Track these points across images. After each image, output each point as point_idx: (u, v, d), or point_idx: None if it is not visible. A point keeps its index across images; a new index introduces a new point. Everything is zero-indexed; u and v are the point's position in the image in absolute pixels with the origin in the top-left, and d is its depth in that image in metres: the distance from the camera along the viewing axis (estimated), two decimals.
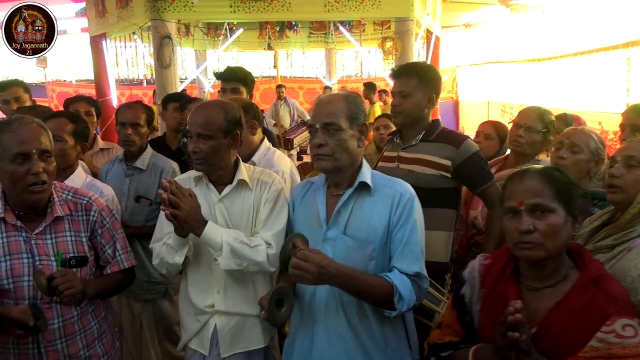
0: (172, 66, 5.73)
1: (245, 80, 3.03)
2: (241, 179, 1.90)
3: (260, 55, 9.85)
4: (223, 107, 1.86)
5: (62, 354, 1.75)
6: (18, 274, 1.68)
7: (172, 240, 1.79)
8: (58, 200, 1.77)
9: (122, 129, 2.65)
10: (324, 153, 1.63)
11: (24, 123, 1.65)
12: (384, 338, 1.68)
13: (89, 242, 1.82)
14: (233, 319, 1.89)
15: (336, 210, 1.67)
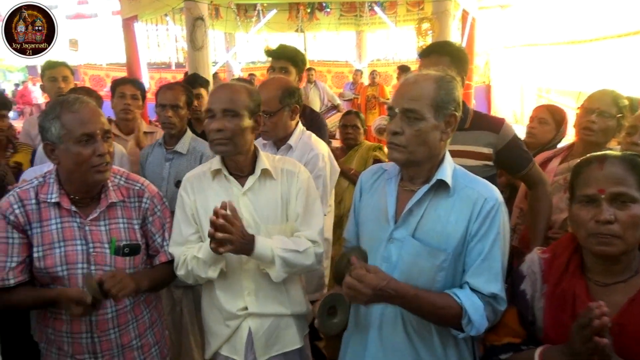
0: (204, 48, 5.67)
1: (296, 60, 2.86)
2: (264, 168, 1.76)
3: (289, 38, 9.71)
4: (247, 88, 1.76)
5: (115, 344, 1.72)
6: (72, 261, 1.64)
7: (205, 255, 1.66)
8: (112, 185, 1.72)
9: (162, 111, 2.58)
10: (397, 143, 1.42)
11: (85, 103, 1.60)
12: (444, 356, 1.49)
13: (140, 229, 1.77)
14: (267, 320, 1.79)
15: (408, 208, 1.47)
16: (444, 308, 1.37)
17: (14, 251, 1.62)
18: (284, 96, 2.27)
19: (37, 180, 1.68)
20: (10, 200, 1.63)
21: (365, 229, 1.60)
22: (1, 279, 1.61)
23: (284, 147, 2.36)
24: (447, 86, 1.42)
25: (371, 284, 1.30)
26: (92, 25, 12.55)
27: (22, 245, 1.63)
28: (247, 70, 11.02)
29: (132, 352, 1.77)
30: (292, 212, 1.78)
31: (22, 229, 1.62)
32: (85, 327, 1.67)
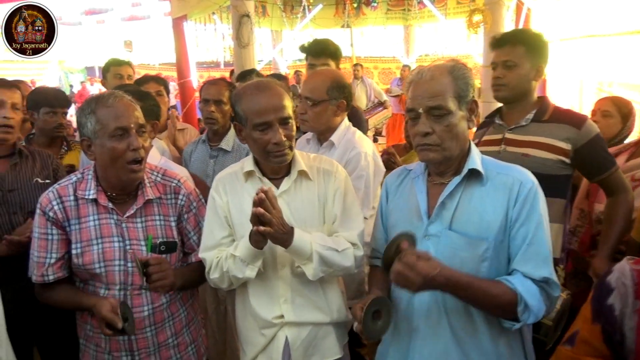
0: (250, 45, 5.68)
1: (336, 54, 2.79)
2: (301, 169, 1.68)
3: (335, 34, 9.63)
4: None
5: (152, 342, 1.71)
6: (110, 257, 1.64)
7: (243, 253, 1.57)
8: (148, 182, 1.71)
9: (205, 106, 2.57)
10: (431, 143, 1.38)
11: (119, 97, 1.60)
12: (497, 355, 1.42)
13: (177, 226, 1.75)
14: (305, 329, 1.70)
15: (440, 201, 1.43)
16: (498, 295, 1.33)
17: (53, 247, 1.63)
18: (332, 88, 2.18)
19: (76, 176, 1.69)
20: (49, 196, 1.65)
21: (397, 231, 1.51)
22: (40, 275, 1.64)
23: (327, 143, 2.28)
24: (463, 74, 1.40)
25: (422, 272, 1.24)
26: (145, 26, 12.99)
27: (61, 241, 1.64)
28: (293, 68, 11.06)
29: (169, 351, 1.75)
30: (330, 213, 1.69)
31: (61, 225, 1.63)
32: None
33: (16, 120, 2.15)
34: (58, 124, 2.66)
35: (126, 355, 1.70)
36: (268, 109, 1.55)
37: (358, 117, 2.73)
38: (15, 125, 2.14)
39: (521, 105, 2.07)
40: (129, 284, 1.65)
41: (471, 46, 6.75)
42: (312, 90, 2.19)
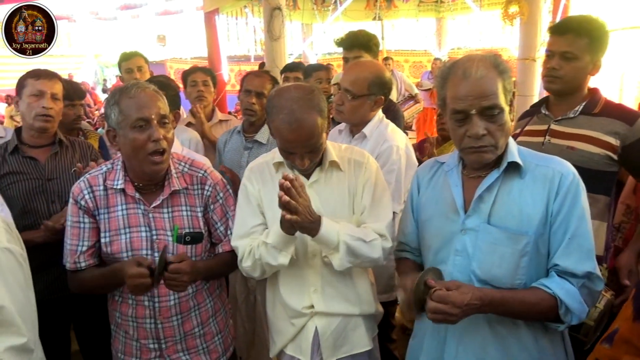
0: (281, 39, 5.68)
1: (369, 45, 2.73)
2: (332, 160, 1.66)
3: (366, 27, 9.54)
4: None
5: (178, 331, 1.73)
6: (137, 247, 1.66)
7: (275, 240, 1.56)
8: (175, 172, 1.72)
9: (246, 97, 2.58)
10: (486, 144, 1.33)
11: (142, 88, 1.60)
12: (537, 350, 1.39)
13: (203, 217, 1.75)
14: (334, 320, 1.69)
15: (477, 195, 1.39)
16: (536, 303, 1.31)
17: (85, 235, 1.67)
18: (374, 83, 2.15)
19: (106, 166, 1.72)
20: (81, 185, 1.68)
21: (431, 225, 1.51)
22: (73, 262, 1.67)
23: (359, 135, 2.25)
24: (505, 67, 1.36)
25: (457, 302, 1.24)
26: (178, 21, 13.19)
27: (92, 229, 1.67)
28: (323, 61, 11.03)
29: (195, 340, 1.77)
30: (359, 204, 1.67)
31: (91, 213, 1.67)
32: (148, 313, 1.69)
33: (55, 110, 2.19)
34: (77, 116, 2.73)
35: (153, 343, 1.72)
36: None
37: (394, 111, 2.69)
38: (54, 115, 2.19)
39: (572, 98, 1.98)
40: None
41: (506, 39, 6.56)
42: (354, 84, 2.16)
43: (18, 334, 1.18)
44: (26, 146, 2.18)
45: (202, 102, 3.04)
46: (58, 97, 2.22)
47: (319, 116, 1.54)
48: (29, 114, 2.15)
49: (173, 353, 1.74)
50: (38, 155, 2.17)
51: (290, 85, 1.62)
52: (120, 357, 1.77)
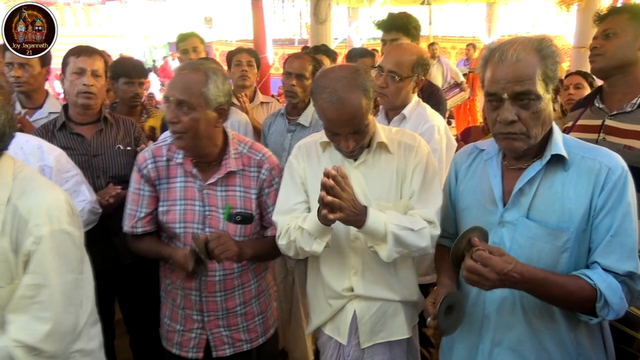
0: (327, 22, 5.67)
1: (407, 28, 2.68)
2: (380, 141, 1.63)
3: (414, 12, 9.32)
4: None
5: (220, 307, 1.78)
6: (189, 220, 1.71)
7: (311, 227, 1.53)
8: (234, 153, 1.75)
9: (287, 79, 2.59)
10: (516, 131, 1.27)
11: (179, 70, 1.66)
12: (575, 345, 1.34)
13: (257, 200, 1.78)
14: (374, 305, 1.67)
15: (518, 188, 1.34)
16: (575, 292, 1.25)
17: (144, 202, 1.74)
18: (418, 65, 2.14)
19: (170, 139, 1.76)
20: (145, 155, 1.75)
21: (469, 215, 1.47)
22: (130, 226, 1.76)
23: (397, 117, 2.23)
24: (551, 52, 1.26)
25: (496, 268, 1.19)
26: (226, 3, 13.33)
27: (151, 198, 1.75)
28: (368, 47, 10.89)
29: (236, 318, 1.81)
30: (407, 189, 1.63)
31: (152, 183, 1.74)
32: (195, 285, 1.75)
33: (97, 87, 2.22)
34: (135, 94, 2.79)
35: (197, 315, 1.78)
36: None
37: (437, 96, 2.65)
38: (96, 92, 2.21)
39: (625, 84, 1.87)
40: None
41: (562, 25, 6.26)
42: (399, 65, 2.14)
43: (50, 319, 1.20)
44: (73, 123, 2.25)
45: (245, 82, 3.06)
46: (99, 73, 2.24)
47: (364, 96, 1.50)
48: (71, 91, 2.20)
49: (214, 327, 1.79)
50: (84, 131, 2.24)
51: (335, 66, 1.62)
52: (167, 322, 1.85)
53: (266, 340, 1.91)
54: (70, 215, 1.29)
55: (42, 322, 1.20)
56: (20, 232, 1.20)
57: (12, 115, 1.23)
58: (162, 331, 1.88)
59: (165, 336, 1.86)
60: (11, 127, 1.23)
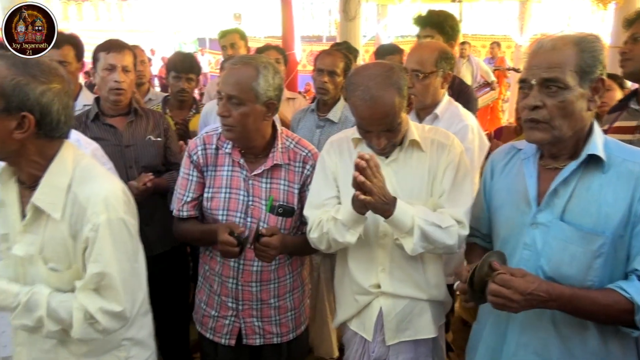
0: (356, 19, 5.64)
1: (442, 26, 2.64)
2: (412, 139, 1.62)
3: (444, 9, 9.18)
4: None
5: (255, 297, 1.80)
6: (233, 208, 1.75)
7: (345, 217, 1.55)
8: (281, 147, 1.78)
9: (319, 76, 2.60)
10: (539, 118, 1.25)
11: (230, 65, 1.68)
12: (605, 353, 1.30)
13: (299, 194, 1.80)
14: (400, 302, 1.67)
15: (552, 188, 1.31)
16: (609, 305, 1.22)
17: (191, 187, 1.79)
18: (440, 59, 2.12)
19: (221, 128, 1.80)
20: (196, 142, 1.81)
21: (501, 214, 1.45)
22: (177, 209, 1.81)
23: (429, 116, 2.20)
24: (592, 46, 1.25)
25: (519, 289, 1.18)
26: None
27: (198, 183, 1.79)
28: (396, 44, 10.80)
29: (269, 310, 1.83)
30: (438, 187, 1.63)
31: (200, 169, 1.78)
32: (232, 273, 1.78)
33: (127, 83, 2.28)
34: (180, 89, 2.84)
35: (232, 302, 1.81)
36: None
37: (467, 94, 2.61)
38: (126, 88, 2.28)
39: None
40: (243, 235, 1.72)
41: (598, 24, 6.08)
42: (421, 63, 2.14)
43: (116, 300, 1.28)
44: (105, 115, 2.31)
45: None
46: (129, 68, 2.30)
47: (397, 94, 1.50)
48: (103, 87, 2.27)
49: (248, 317, 1.82)
50: (116, 123, 2.30)
51: (370, 63, 1.64)
52: (203, 307, 1.89)
53: (297, 337, 1.92)
54: (126, 204, 1.34)
55: (107, 300, 1.27)
56: (79, 219, 1.25)
57: (67, 104, 1.27)
58: (197, 316, 1.92)
59: (201, 320, 1.90)
60: (67, 115, 1.27)
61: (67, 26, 12.53)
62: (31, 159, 1.27)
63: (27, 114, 1.19)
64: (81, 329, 1.25)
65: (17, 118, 1.19)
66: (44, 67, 1.23)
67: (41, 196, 1.26)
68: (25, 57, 1.24)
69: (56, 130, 1.26)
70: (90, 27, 13.23)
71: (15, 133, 1.20)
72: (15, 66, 1.20)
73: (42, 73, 1.21)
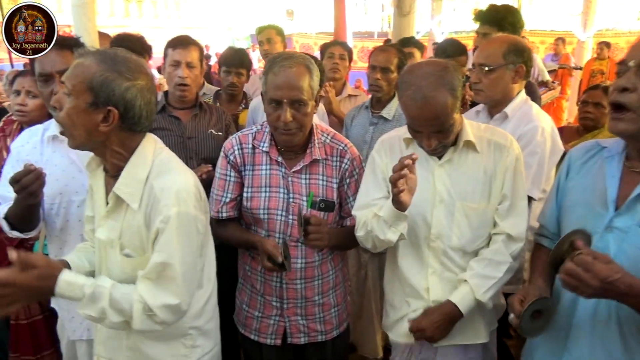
0: (411, 14, 5.54)
1: (501, 23, 2.53)
2: (467, 139, 1.57)
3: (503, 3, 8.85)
4: None
5: (300, 295, 1.80)
6: (273, 206, 1.75)
7: (386, 213, 1.52)
8: (317, 142, 1.78)
9: (372, 73, 2.58)
10: (624, 102, 1.15)
11: (287, 67, 1.63)
12: None
13: (338, 189, 1.79)
14: None
15: (636, 193, 1.22)
16: None
17: (229, 188, 1.79)
18: (509, 52, 2.00)
19: (256, 127, 1.83)
20: (232, 142, 1.81)
21: (573, 214, 1.37)
22: (216, 211, 1.81)
23: (499, 115, 2.09)
24: None
25: (600, 275, 1.09)
26: None
27: (236, 183, 1.79)
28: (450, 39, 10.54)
29: (314, 308, 1.83)
30: (496, 191, 1.57)
31: (238, 169, 1.79)
32: (276, 272, 1.77)
33: (191, 78, 2.34)
34: (230, 83, 2.90)
35: (276, 302, 1.81)
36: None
37: (532, 92, 2.45)
38: (190, 84, 2.34)
39: None
40: (288, 234, 1.75)
41: None
42: (487, 56, 2.04)
43: (175, 293, 1.32)
44: (171, 107, 2.40)
45: (335, 74, 3.09)
46: (193, 64, 2.35)
47: (450, 95, 1.45)
48: (170, 82, 2.36)
49: (292, 315, 1.82)
50: (181, 115, 2.38)
51: (423, 61, 1.59)
52: (245, 308, 1.89)
53: (340, 333, 1.92)
54: (197, 200, 1.37)
55: (167, 293, 1.31)
56: (153, 210, 1.30)
57: (150, 100, 1.32)
58: (240, 317, 1.92)
59: (244, 322, 1.90)
60: (149, 111, 1.32)
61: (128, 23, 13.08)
62: (114, 150, 1.33)
63: (112, 109, 1.25)
64: (140, 320, 1.30)
65: (103, 112, 1.25)
66: (130, 64, 1.29)
67: (122, 186, 1.32)
68: (112, 53, 1.28)
69: (138, 125, 1.32)
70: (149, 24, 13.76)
71: (101, 126, 1.27)
72: (104, 62, 1.25)
73: (128, 70, 1.27)
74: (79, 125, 1.27)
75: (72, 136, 1.30)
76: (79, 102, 1.25)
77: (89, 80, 1.24)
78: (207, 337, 1.55)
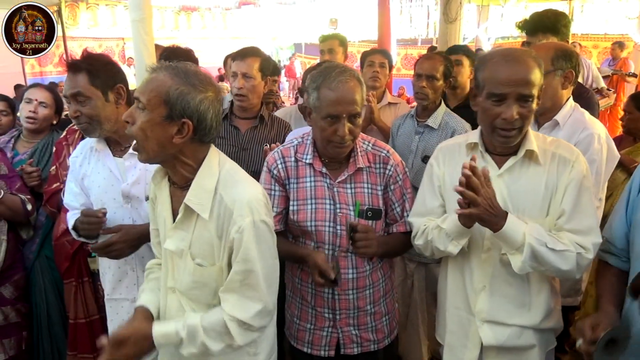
0: (457, 21, 5.44)
1: (557, 27, 2.44)
2: (530, 149, 1.51)
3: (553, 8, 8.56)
4: None
5: (352, 305, 1.79)
6: (321, 218, 1.75)
7: (450, 227, 1.52)
8: (360, 151, 1.78)
9: (417, 81, 2.56)
10: None
11: (344, 81, 1.62)
12: None
13: (383, 196, 1.79)
14: (502, 330, 1.57)
15: None
16: None
17: (275, 202, 1.80)
18: (557, 57, 1.95)
19: (297, 140, 1.84)
20: (274, 156, 1.83)
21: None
22: None
23: (549, 123, 2.03)
24: None
25: None
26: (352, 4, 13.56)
27: (281, 197, 1.80)
28: (496, 47, 10.30)
29: (366, 317, 1.82)
30: (556, 206, 1.50)
31: (282, 183, 1.80)
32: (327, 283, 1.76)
33: (247, 89, 2.39)
34: (268, 90, 2.94)
35: (328, 313, 1.81)
36: (509, 82, 1.43)
37: (587, 99, 2.35)
38: (246, 94, 2.40)
39: None
40: (337, 245, 1.75)
41: None
42: None
43: (258, 299, 1.37)
44: (234, 116, 2.48)
45: (375, 83, 3.08)
46: (251, 75, 2.40)
47: (537, 67, 1.45)
48: (232, 92, 2.47)
49: (345, 326, 1.81)
50: (241, 125, 2.45)
51: None
52: (296, 321, 1.88)
53: (391, 342, 1.90)
54: (266, 207, 1.42)
55: (252, 302, 1.37)
56: (226, 221, 1.35)
57: (218, 110, 1.37)
58: (291, 330, 1.91)
59: (295, 335, 1.88)
60: (217, 122, 1.38)
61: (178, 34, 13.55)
62: (185, 162, 1.38)
63: (187, 121, 1.30)
64: (240, 336, 1.36)
65: (178, 124, 1.30)
66: (201, 76, 1.34)
67: (192, 197, 1.36)
68: (179, 67, 1.33)
69: (208, 135, 1.37)
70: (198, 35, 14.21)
71: (175, 138, 1.32)
72: (178, 76, 1.31)
73: (200, 82, 1.32)
74: (152, 138, 1.31)
75: (144, 149, 1.34)
76: (154, 116, 1.29)
77: (165, 93, 1.28)
78: (268, 342, 1.58)
